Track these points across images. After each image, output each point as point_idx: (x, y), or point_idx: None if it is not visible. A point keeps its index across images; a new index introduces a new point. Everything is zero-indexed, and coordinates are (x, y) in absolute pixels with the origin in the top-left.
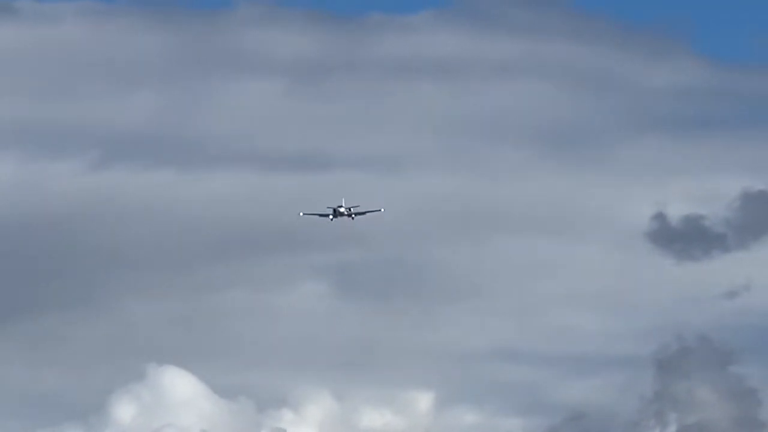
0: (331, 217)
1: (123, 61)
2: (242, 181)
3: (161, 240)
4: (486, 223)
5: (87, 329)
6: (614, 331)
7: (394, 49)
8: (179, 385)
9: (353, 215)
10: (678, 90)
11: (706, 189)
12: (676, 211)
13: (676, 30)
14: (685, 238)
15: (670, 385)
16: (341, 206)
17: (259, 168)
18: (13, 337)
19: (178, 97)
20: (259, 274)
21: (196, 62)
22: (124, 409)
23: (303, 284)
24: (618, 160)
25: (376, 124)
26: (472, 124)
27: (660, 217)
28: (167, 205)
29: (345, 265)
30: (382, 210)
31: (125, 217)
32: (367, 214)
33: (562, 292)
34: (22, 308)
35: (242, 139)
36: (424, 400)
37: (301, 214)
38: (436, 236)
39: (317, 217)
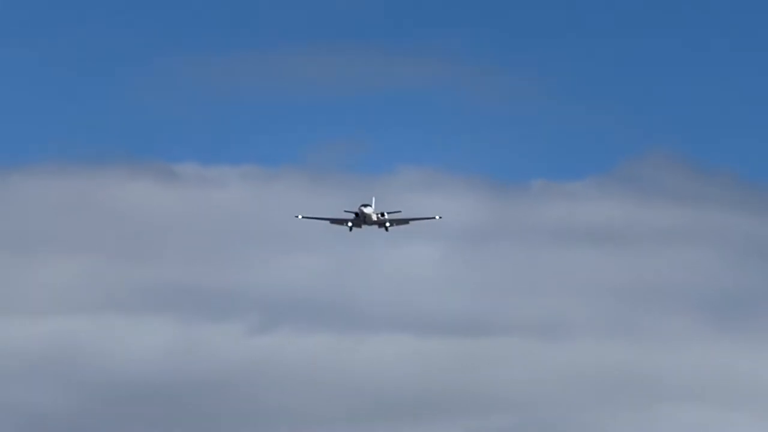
0: (349, 224)
1: (284, 225)
2: (400, 345)
3: (319, 402)
4: (643, 390)
5: None
6: None
7: (557, 215)
8: None
9: (387, 224)
10: None
11: None
12: None
13: None
14: None
15: None
16: (367, 205)
17: (417, 332)
18: None
19: (337, 262)
20: None
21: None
22: None
23: None
24: None
25: (537, 289)
26: (633, 291)
27: None
28: (325, 368)
29: (498, 431)
30: (438, 217)
31: (284, 380)
32: (411, 222)
33: None
34: None
35: (400, 303)
36: None
37: (300, 216)
38: (593, 403)
39: (329, 223)
